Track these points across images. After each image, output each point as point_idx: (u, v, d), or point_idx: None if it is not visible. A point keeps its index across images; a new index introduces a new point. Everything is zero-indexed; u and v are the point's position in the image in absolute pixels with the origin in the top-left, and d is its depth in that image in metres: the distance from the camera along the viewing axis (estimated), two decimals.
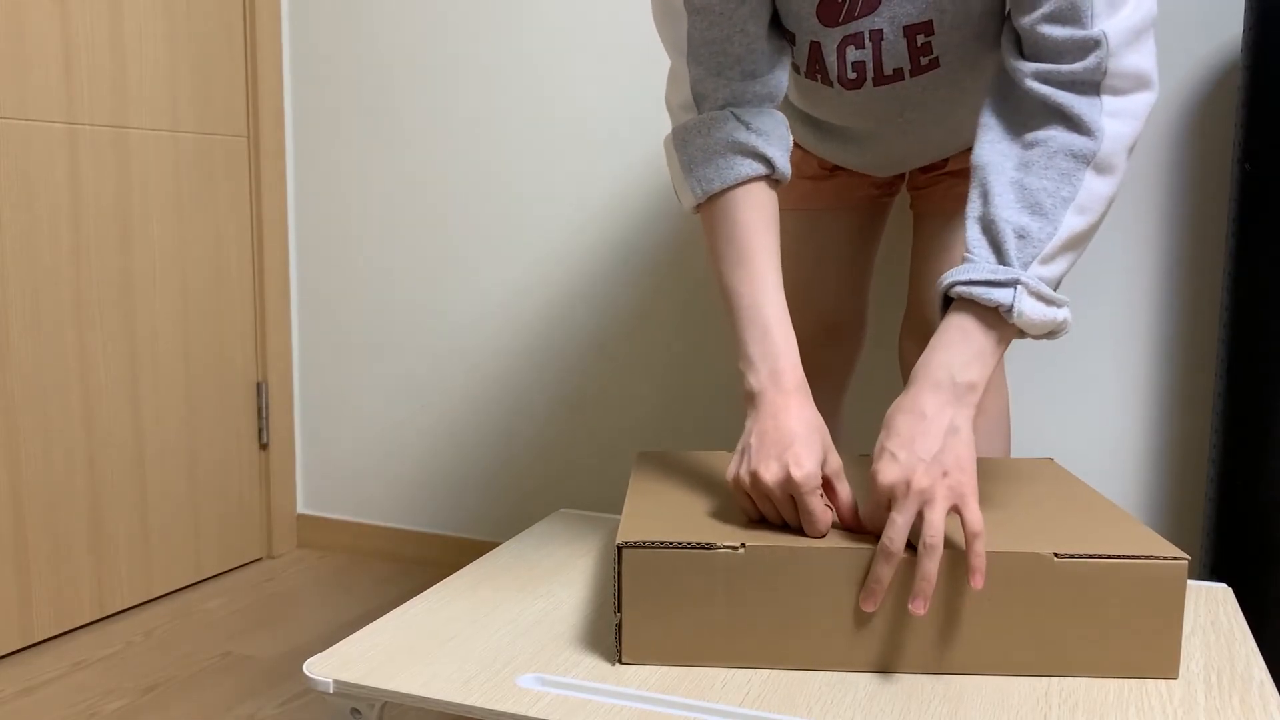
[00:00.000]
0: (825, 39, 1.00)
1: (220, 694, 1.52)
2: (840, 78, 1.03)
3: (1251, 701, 0.78)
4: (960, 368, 0.85)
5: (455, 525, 2.05)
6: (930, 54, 1.00)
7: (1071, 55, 0.89)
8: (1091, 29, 0.88)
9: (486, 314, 1.97)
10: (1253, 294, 1.30)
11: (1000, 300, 0.86)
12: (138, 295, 1.80)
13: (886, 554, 0.78)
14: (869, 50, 1.00)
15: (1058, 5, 0.89)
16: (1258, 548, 1.29)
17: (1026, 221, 0.88)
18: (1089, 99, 0.89)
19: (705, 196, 0.96)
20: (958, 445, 0.82)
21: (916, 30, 0.98)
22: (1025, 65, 0.92)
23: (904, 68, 1.01)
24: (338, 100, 2.01)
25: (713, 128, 0.97)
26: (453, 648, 0.85)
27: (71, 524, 1.72)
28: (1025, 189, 0.89)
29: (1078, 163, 0.89)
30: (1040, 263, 0.87)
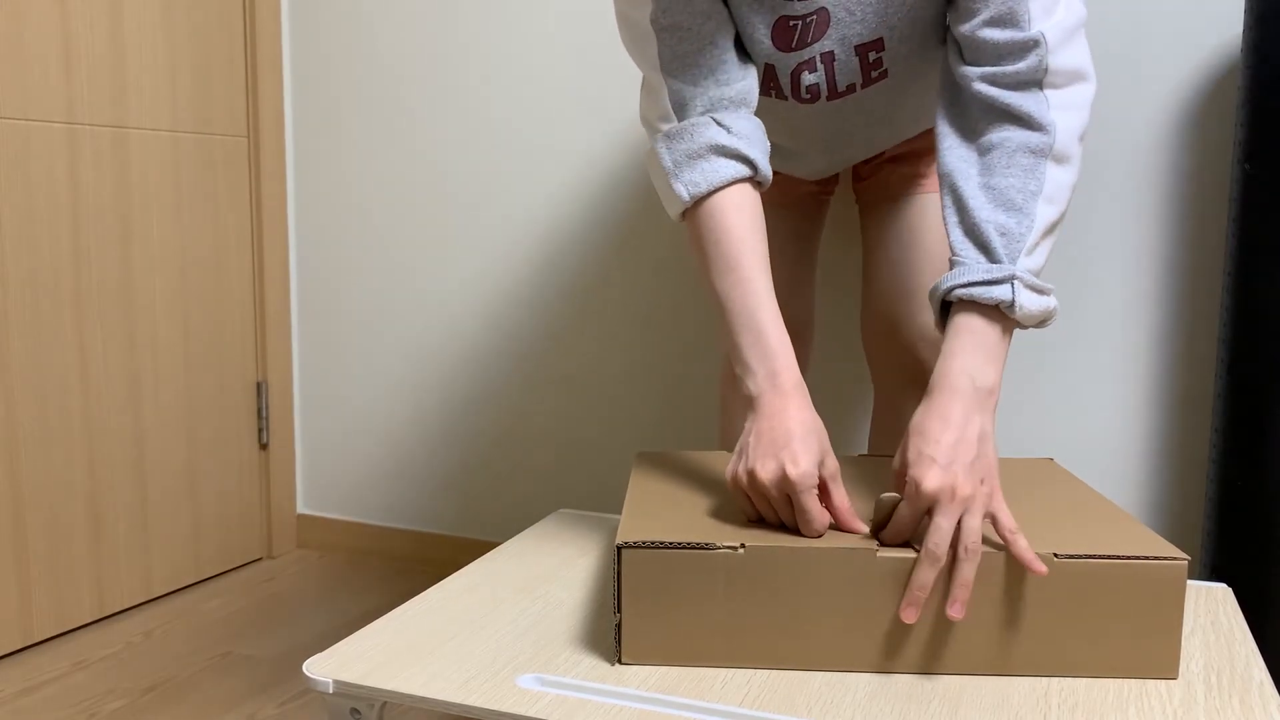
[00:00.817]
0: (779, 63, 1.04)
1: (220, 694, 1.52)
2: (794, 95, 1.07)
3: (1251, 702, 0.78)
4: (978, 372, 0.88)
5: (455, 525, 2.05)
6: (881, 68, 1.05)
7: (1013, 56, 0.94)
8: (1030, 30, 0.93)
9: (487, 314, 1.97)
10: (1253, 294, 1.30)
11: (1000, 297, 0.89)
12: (138, 295, 1.80)
13: (933, 559, 0.79)
14: (821, 72, 1.04)
15: (996, 11, 0.94)
16: (1258, 548, 1.29)
17: (1004, 219, 0.92)
18: (1034, 95, 0.94)
19: (693, 200, 0.97)
20: (988, 452, 0.85)
21: (868, 49, 1.02)
22: (971, 70, 0.96)
23: (856, 82, 1.06)
24: (338, 100, 2.01)
25: (695, 133, 0.99)
26: (453, 648, 0.85)
27: (71, 524, 1.72)
28: (995, 189, 0.93)
29: (1037, 157, 0.93)
30: (1025, 255, 0.91)
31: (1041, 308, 0.91)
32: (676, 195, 0.98)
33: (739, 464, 0.87)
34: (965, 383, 0.87)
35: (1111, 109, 1.54)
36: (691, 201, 0.97)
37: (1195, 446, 1.57)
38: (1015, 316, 0.89)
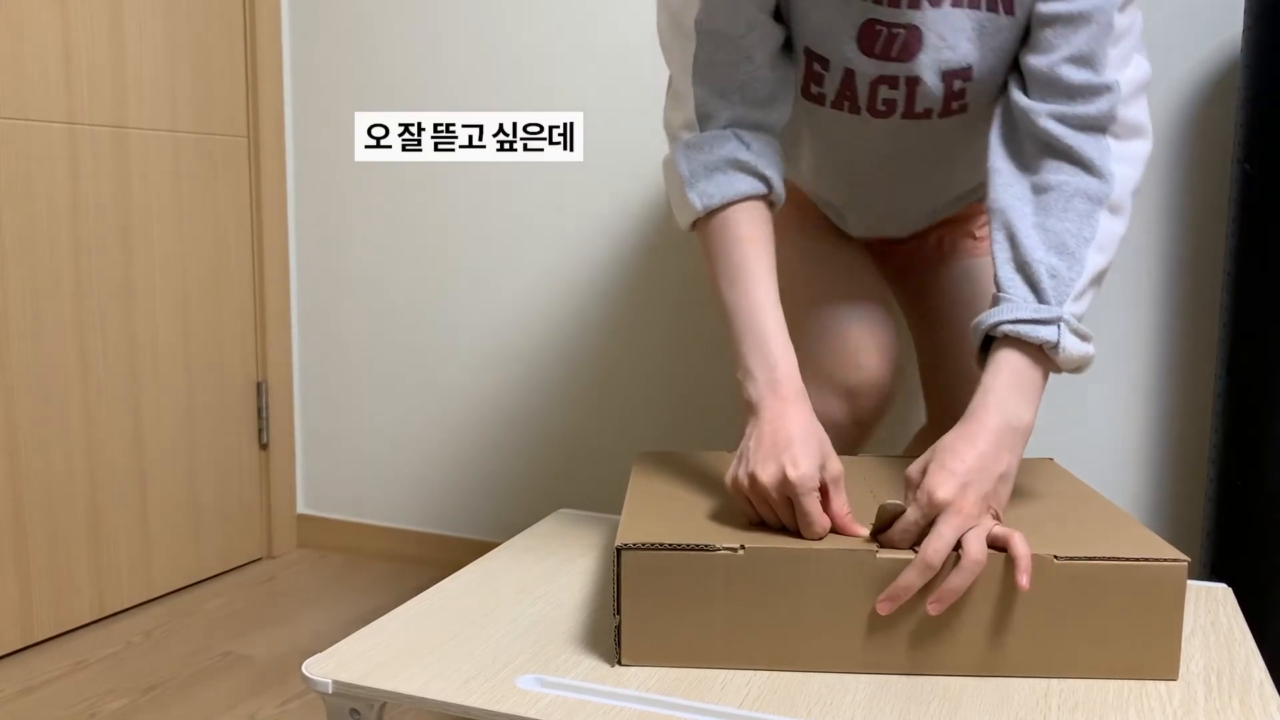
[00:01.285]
0: (860, 68, 1.01)
1: (220, 694, 1.52)
2: (869, 107, 1.04)
3: (1251, 702, 0.78)
4: (1015, 411, 0.88)
5: (455, 525, 2.05)
6: (963, 99, 1.03)
7: (1085, 98, 0.94)
8: (1105, 76, 0.94)
9: (486, 314, 1.97)
10: (1253, 294, 1.30)
11: (1046, 338, 0.89)
12: (138, 295, 1.80)
13: (927, 565, 0.78)
14: (902, 91, 1.02)
15: (1077, 50, 0.94)
16: (1258, 548, 1.29)
17: (1055, 261, 0.92)
18: (1098, 141, 0.94)
19: (706, 210, 0.97)
20: (1003, 492, 0.86)
21: (955, 75, 1.00)
22: (1039, 105, 0.96)
23: (934, 109, 1.03)
24: (338, 100, 2.01)
25: (715, 145, 0.99)
26: (452, 648, 0.85)
27: (71, 524, 1.72)
28: (1049, 231, 0.93)
29: (1093, 204, 0.93)
30: (1073, 300, 0.91)
31: (1081, 353, 0.91)
32: (690, 204, 0.98)
33: (739, 468, 0.87)
34: (999, 420, 0.87)
35: None
36: (704, 212, 0.98)
37: (1195, 446, 1.57)
38: (1057, 359, 0.90)
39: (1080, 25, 0.94)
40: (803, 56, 1.02)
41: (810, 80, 1.04)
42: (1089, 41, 0.94)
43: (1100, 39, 0.94)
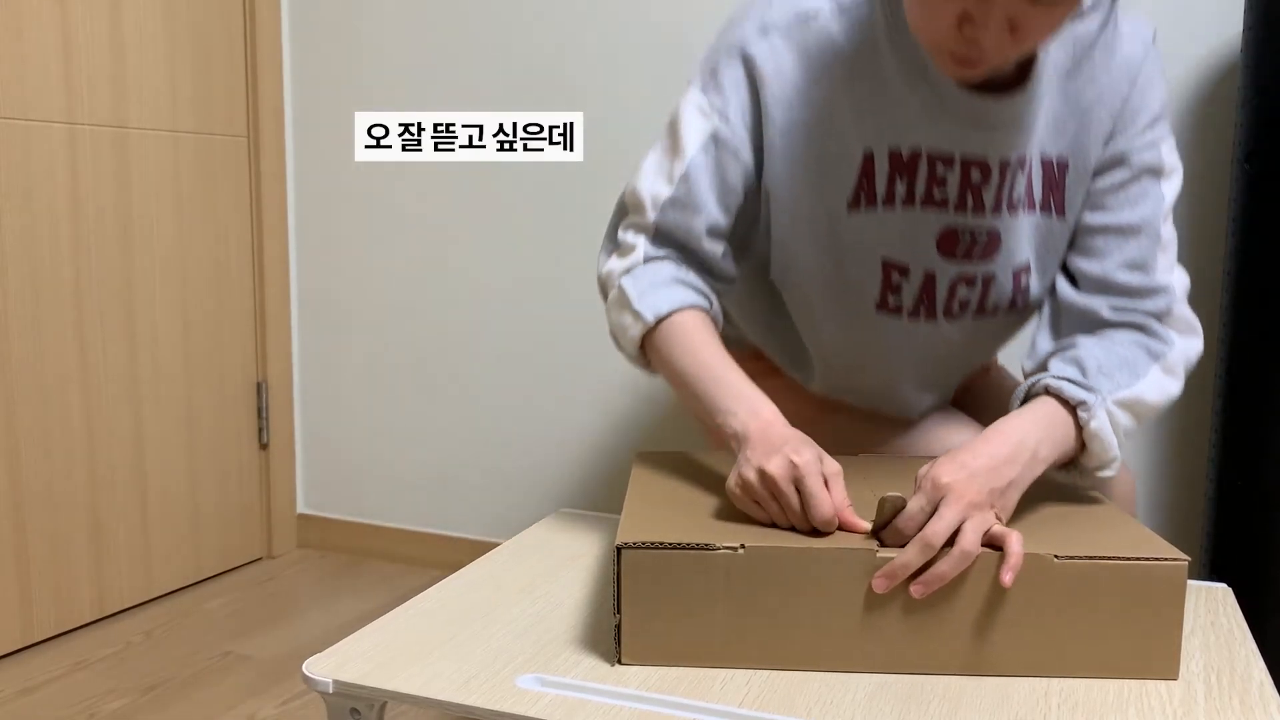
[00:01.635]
0: (941, 270, 1.01)
1: (220, 694, 1.52)
2: (946, 310, 1.04)
3: (1251, 702, 0.78)
4: (1035, 440, 0.87)
5: (455, 525, 2.05)
6: (1027, 295, 1.05)
7: (1143, 296, 0.98)
8: (1158, 280, 0.98)
9: (486, 314, 1.97)
10: (1253, 294, 1.29)
11: (1084, 398, 0.90)
12: (138, 295, 1.80)
13: (926, 545, 0.78)
14: (977, 290, 1.03)
15: (1130, 258, 0.98)
16: (1258, 548, 1.29)
17: (1106, 359, 0.93)
18: (1157, 324, 0.98)
19: (656, 319, 0.97)
20: (1011, 497, 0.85)
21: (1022, 272, 1.03)
22: (1098, 300, 0.99)
23: (1001, 307, 1.06)
24: (337, 100, 2.01)
25: (661, 268, 1.00)
26: (452, 648, 0.85)
27: (71, 524, 1.72)
28: (1106, 351, 0.95)
29: (1150, 356, 0.96)
30: (1115, 398, 0.91)
31: (1109, 443, 0.90)
32: (639, 316, 0.97)
33: (742, 469, 0.86)
34: (1018, 440, 0.87)
35: None
36: (654, 321, 0.97)
37: (1195, 446, 1.57)
38: (1089, 427, 0.89)
39: (1130, 236, 0.98)
40: (879, 270, 1.01)
41: (887, 291, 1.03)
42: (1140, 250, 0.98)
43: (1151, 248, 0.99)
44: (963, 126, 0.94)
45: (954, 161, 0.96)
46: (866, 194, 0.97)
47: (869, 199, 0.97)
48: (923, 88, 0.93)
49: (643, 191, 1.02)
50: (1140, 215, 0.99)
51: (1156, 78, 0.99)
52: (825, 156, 0.97)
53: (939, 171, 0.96)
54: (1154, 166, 0.99)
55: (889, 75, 0.94)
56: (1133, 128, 0.98)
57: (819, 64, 0.95)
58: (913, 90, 0.93)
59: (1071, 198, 1.00)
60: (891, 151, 0.95)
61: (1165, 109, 1.00)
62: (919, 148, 0.95)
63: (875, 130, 0.95)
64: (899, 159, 0.95)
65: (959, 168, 0.96)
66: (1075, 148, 0.98)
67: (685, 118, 1.01)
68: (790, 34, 0.95)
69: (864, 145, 0.95)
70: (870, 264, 1.00)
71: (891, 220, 0.98)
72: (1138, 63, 0.97)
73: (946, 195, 0.97)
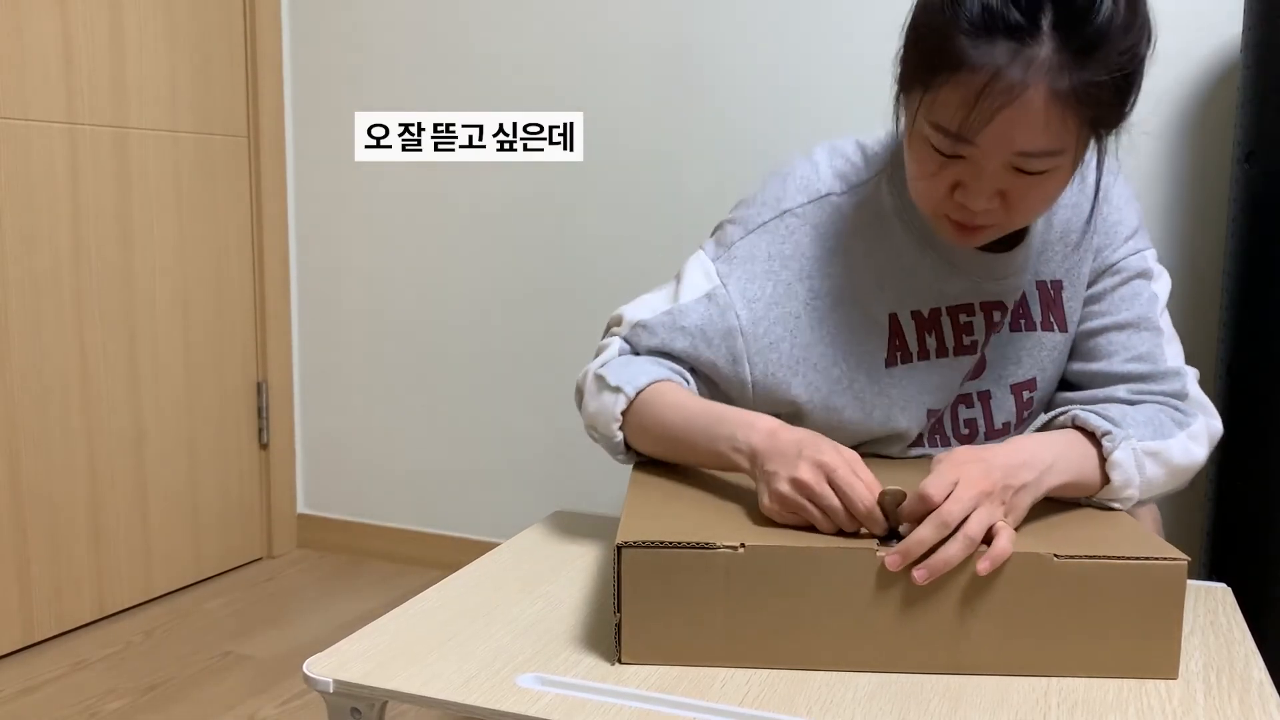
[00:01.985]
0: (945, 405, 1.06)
1: (220, 694, 1.52)
2: (954, 432, 1.08)
3: (1251, 701, 0.78)
4: (1051, 456, 0.87)
5: (455, 525, 2.05)
6: (1031, 408, 1.08)
7: (1156, 380, 1.00)
8: (1169, 365, 1.00)
9: (486, 314, 1.97)
10: (1253, 294, 1.30)
11: (1109, 429, 0.90)
12: (138, 295, 1.80)
13: (942, 522, 0.77)
14: (979, 409, 1.07)
15: (1137, 351, 1.01)
16: (1258, 548, 1.29)
17: (1133, 420, 0.93)
18: (1180, 402, 0.99)
19: (636, 392, 0.97)
20: (1023, 499, 0.84)
21: (1023, 387, 1.06)
22: (1114, 388, 1.01)
23: (1010, 422, 1.08)
24: (338, 100, 2.01)
25: (636, 358, 1.02)
26: (453, 648, 0.85)
27: (71, 524, 1.72)
28: (1131, 412, 0.95)
29: (1175, 424, 0.96)
30: (1142, 448, 0.91)
31: (1128, 480, 0.90)
32: (619, 390, 0.97)
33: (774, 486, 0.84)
34: (1036, 450, 0.86)
35: None
36: (634, 394, 0.97)
37: None
38: (1112, 456, 0.89)
39: (1131, 331, 1.02)
40: (924, 418, 1.05)
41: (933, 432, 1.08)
42: (1144, 342, 1.01)
43: (1154, 339, 1.01)
44: (975, 281, 1.01)
45: (974, 309, 1.02)
46: (902, 352, 1.02)
47: (905, 356, 1.02)
48: (930, 254, 0.99)
49: (626, 313, 1.05)
50: (1137, 312, 1.03)
51: (1129, 195, 1.06)
52: (853, 323, 1.01)
53: (962, 320, 1.02)
54: (1143, 271, 1.04)
55: (900, 246, 1.00)
56: (1116, 240, 1.04)
57: (834, 239, 1.00)
58: (922, 257, 0.99)
59: (1070, 314, 1.05)
60: (914, 312, 1.01)
61: (1142, 223, 1.06)
62: (939, 306, 1.01)
63: (895, 296, 1.01)
64: (922, 318, 1.01)
65: (980, 312, 1.02)
66: (1066, 267, 1.04)
67: (689, 273, 1.04)
68: (805, 215, 1.01)
69: (888, 310, 1.01)
70: (916, 412, 1.04)
71: (930, 370, 1.03)
72: (1108, 185, 1.03)
73: (975, 338, 1.03)
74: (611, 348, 1.04)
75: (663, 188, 1.80)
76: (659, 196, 1.81)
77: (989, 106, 0.81)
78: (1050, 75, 0.80)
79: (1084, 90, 0.81)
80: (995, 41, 0.80)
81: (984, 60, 0.80)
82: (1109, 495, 0.92)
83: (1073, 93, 0.81)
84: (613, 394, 0.98)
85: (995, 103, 0.81)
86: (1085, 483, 0.90)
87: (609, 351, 1.04)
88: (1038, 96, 0.80)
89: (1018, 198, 0.88)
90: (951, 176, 0.87)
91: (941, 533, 0.78)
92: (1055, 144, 0.83)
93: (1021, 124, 0.82)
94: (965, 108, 0.82)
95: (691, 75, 1.76)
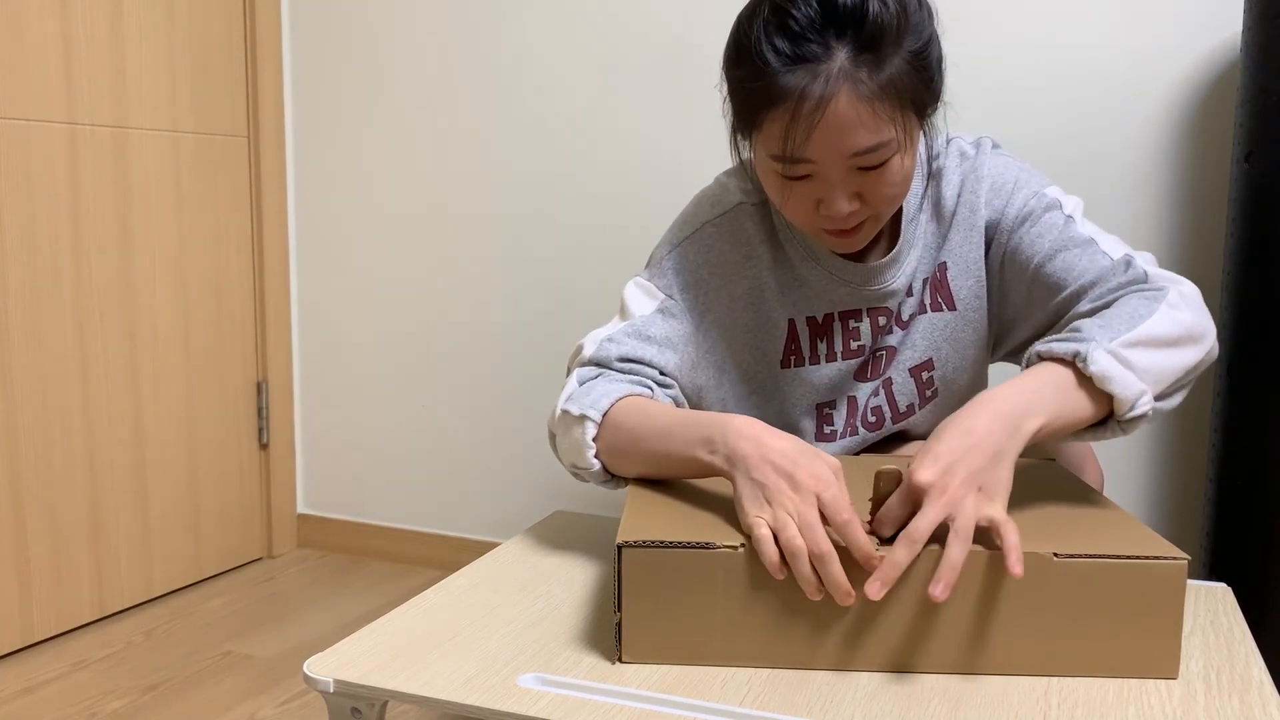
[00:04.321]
0: (858, 393, 1.13)
1: (220, 694, 1.52)
2: (863, 421, 1.14)
3: (1251, 701, 0.78)
4: (1024, 401, 0.85)
5: (455, 525, 2.05)
6: (933, 387, 1.14)
7: (1109, 277, 1.00)
8: (1113, 259, 1.00)
9: (486, 313, 1.97)
10: (1253, 294, 1.30)
11: (1076, 349, 0.87)
12: (138, 295, 1.80)
13: (910, 542, 0.76)
14: (883, 397, 1.13)
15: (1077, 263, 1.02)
16: (1258, 548, 1.29)
17: (1104, 320, 0.92)
18: (1146, 282, 0.97)
19: (601, 415, 0.97)
20: (1001, 474, 0.81)
21: (921, 369, 1.12)
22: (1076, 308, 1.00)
23: (914, 403, 1.14)
24: (338, 100, 2.01)
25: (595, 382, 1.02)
26: (453, 648, 0.85)
27: (71, 524, 1.72)
28: (1102, 314, 0.94)
29: (1150, 300, 0.93)
30: (1119, 344, 0.88)
31: (1123, 377, 0.86)
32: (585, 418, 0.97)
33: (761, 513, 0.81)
34: (1005, 406, 0.84)
35: (1111, 109, 1.55)
36: (600, 418, 0.97)
37: (1195, 446, 1.57)
38: (1089, 372, 0.86)
39: (1061, 254, 1.03)
40: (814, 412, 1.13)
41: (823, 424, 1.14)
42: (1078, 258, 1.02)
43: (1086, 249, 1.02)
44: (858, 288, 1.09)
45: (862, 314, 1.10)
46: (795, 356, 1.11)
47: (798, 360, 1.12)
48: (816, 267, 1.09)
49: (586, 343, 1.08)
50: (1056, 237, 1.04)
51: (1004, 161, 1.09)
52: (759, 324, 1.11)
53: (851, 325, 1.11)
54: (1046, 205, 1.06)
55: (792, 259, 1.09)
56: (1003, 200, 1.08)
57: (747, 245, 1.09)
58: (810, 269, 1.09)
59: (958, 290, 1.10)
60: (809, 318, 1.11)
61: (1025, 174, 1.09)
62: (831, 311, 1.10)
63: (793, 303, 1.10)
64: (816, 323, 1.11)
65: (867, 317, 1.11)
66: (949, 249, 1.10)
67: (631, 295, 1.10)
68: (721, 224, 1.10)
69: (786, 315, 1.10)
70: (807, 408, 1.13)
71: (820, 373, 1.12)
72: (983, 163, 1.09)
73: (863, 343, 1.11)
74: (571, 381, 1.04)
75: (665, 188, 1.80)
76: (659, 196, 1.81)
77: (805, 124, 0.90)
78: (849, 80, 0.89)
79: (885, 82, 0.90)
80: (795, 70, 0.90)
81: (790, 87, 0.90)
82: (1123, 410, 0.88)
83: (876, 89, 0.90)
84: (579, 424, 0.98)
85: (810, 119, 0.90)
86: (1076, 414, 0.88)
87: (570, 384, 1.04)
88: (844, 101, 0.89)
89: (872, 191, 0.95)
90: (808, 195, 0.96)
91: (914, 550, 0.76)
92: (879, 136, 0.91)
93: (841, 129, 0.90)
94: (786, 132, 0.91)
95: (693, 75, 1.76)
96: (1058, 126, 1.57)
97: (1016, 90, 1.58)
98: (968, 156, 1.10)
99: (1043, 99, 1.57)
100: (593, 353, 1.05)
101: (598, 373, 1.04)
